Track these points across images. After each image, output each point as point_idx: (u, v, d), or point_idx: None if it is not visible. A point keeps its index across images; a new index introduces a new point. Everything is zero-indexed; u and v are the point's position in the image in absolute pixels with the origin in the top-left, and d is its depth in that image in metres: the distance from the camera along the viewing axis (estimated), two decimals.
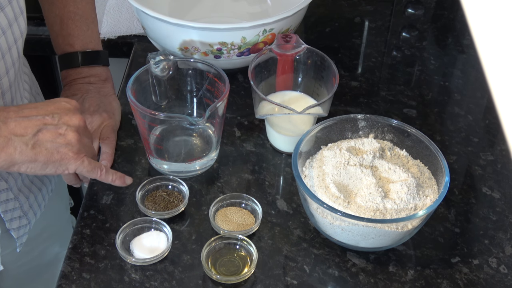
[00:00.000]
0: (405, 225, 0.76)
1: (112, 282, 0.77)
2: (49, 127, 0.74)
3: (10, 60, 0.80)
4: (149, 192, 0.87)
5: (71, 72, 0.97)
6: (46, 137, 0.74)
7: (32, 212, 0.96)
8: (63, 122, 0.75)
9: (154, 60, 0.88)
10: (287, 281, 0.78)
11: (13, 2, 0.79)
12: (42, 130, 0.74)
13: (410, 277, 0.79)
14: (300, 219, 0.85)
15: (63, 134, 0.75)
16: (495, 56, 0.36)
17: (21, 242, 0.95)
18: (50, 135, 0.74)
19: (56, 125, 0.75)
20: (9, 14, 0.78)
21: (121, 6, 1.26)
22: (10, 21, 0.79)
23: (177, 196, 0.86)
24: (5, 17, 0.78)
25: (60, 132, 0.75)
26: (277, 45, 0.94)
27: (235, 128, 0.99)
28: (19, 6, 0.81)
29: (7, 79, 0.81)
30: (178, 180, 0.87)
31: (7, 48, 0.79)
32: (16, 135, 0.72)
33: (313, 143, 0.86)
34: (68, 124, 0.76)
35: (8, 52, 0.79)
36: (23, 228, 0.95)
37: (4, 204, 0.88)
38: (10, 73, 0.81)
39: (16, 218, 0.92)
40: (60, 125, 0.75)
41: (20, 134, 0.72)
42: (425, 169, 0.83)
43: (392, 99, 1.06)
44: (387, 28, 1.25)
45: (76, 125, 0.76)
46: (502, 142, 0.99)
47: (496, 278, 0.79)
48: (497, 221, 0.86)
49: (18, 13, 0.80)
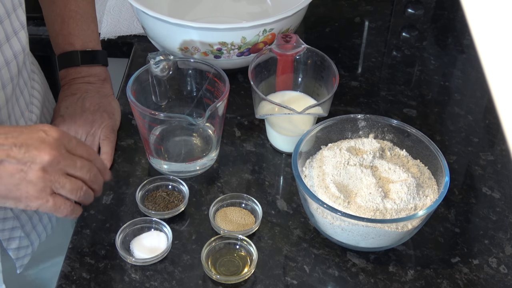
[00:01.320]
0: (405, 225, 0.76)
1: (112, 282, 0.77)
2: (12, 160, 0.66)
3: (8, 75, 0.79)
4: (149, 192, 0.87)
5: (71, 71, 0.97)
6: (7, 171, 0.67)
7: (35, 234, 0.94)
8: (29, 156, 0.67)
9: (154, 60, 0.88)
10: (287, 281, 0.78)
11: (11, 16, 0.78)
12: (3, 162, 0.66)
13: (410, 277, 0.79)
14: (300, 219, 0.85)
15: (25, 171, 0.67)
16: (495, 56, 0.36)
17: (21, 263, 0.93)
18: (11, 169, 0.67)
19: (20, 160, 0.67)
20: (7, 28, 0.77)
21: (121, 6, 1.26)
22: (8, 35, 0.78)
23: (177, 196, 0.86)
24: (3, 31, 0.76)
25: (21, 168, 0.67)
26: (277, 45, 0.94)
27: (235, 128, 0.99)
28: (19, 20, 0.80)
29: (2, 94, 0.79)
30: (178, 180, 0.87)
31: (4, 63, 0.78)
32: None
33: (313, 143, 0.86)
34: (33, 160, 0.67)
35: (6, 67, 0.78)
36: (24, 249, 0.92)
37: (1, 223, 0.86)
38: (7, 89, 0.79)
39: (15, 238, 0.90)
40: (26, 159, 0.67)
41: None
42: (425, 169, 0.83)
43: (392, 99, 1.06)
44: (387, 28, 1.25)
45: (43, 161, 0.67)
46: (502, 142, 0.99)
47: (496, 278, 0.79)
48: (497, 221, 0.86)
49: (18, 28, 0.79)
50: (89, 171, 0.72)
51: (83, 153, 0.73)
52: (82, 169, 0.71)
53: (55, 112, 0.96)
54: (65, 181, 0.70)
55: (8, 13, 0.77)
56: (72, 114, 0.93)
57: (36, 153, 0.67)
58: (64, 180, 0.70)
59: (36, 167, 0.67)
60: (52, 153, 0.68)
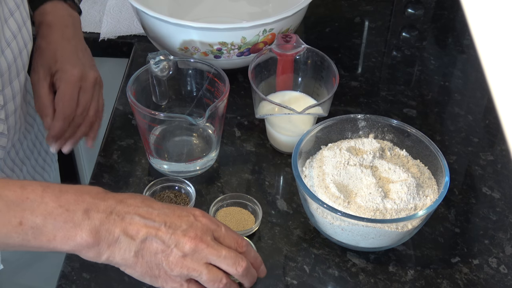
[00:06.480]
0: (405, 225, 0.76)
1: (112, 282, 0.77)
2: (158, 240, 0.66)
3: (21, 64, 0.80)
4: (156, 192, 0.87)
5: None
6: (151, 249, 0.66)
7: None
8: (174, 239, 0.66)
9: (154, 60, 0.88)
10: (287, 281, 0.78)
11: (20, 7, 0.79)
12: (151, 240, 0.66)
13: (410, 277, 0.79)
14: (300, 219, 0.85)
15: (167, 253, 0.66)
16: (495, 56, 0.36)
17: None
18: (155, 248, 0.66)
19: (166, 241, 0.66)
20: (18, 19, 0.79)
21: (121, 6, 1.26)
22: (20, 25, 0.79)
23: (184, 198, 0.86)
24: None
25: (165, 249, 0.66)
26: (277, 45, 0.94)
27: (235, 128, 0.99)
28: (25, 10, 0.80)
29: (17, 82, 0.80)
30: (185, 181, 0.87)
31: (18, 52, 0.78)
32: (127, 235, 0.65)
33: (313, 143, 0.86)
34: (177, 244, 0.66)
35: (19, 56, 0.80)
36: None
37: None
38: (21, 76, 0.80)
39: None
40: (171, 241, 0.66)
41: (130, 236, 0.65)
42: (425, 169, 0.83)
43: (392, 99, 1.06)
44: (387, 28, 1.25)
45: (185, 248, 0.66)
46: (502, 142, 0.99)
47: (496, 278, 0.79)
48: (497, 221, 0.86)
49: (25, 18, 0.80)
50: (235, 264, 0.68)
51: (231, 243, 0.70)
52: (226, 260, 0.68)
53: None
54: (204, 271, 0.67)
55: (17, 5, 0.79)
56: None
57: (181, 238, 0.66)
58: (203, 269, 0.67)
59: (178, 252, 0.66)
60: (195, 241, 0.66)
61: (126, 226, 0.65)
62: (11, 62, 0.81)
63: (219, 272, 0.68)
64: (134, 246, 0.65)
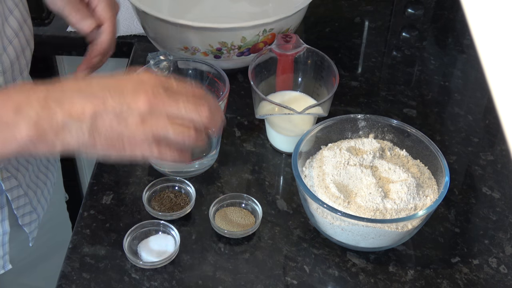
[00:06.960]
0: (405, 225, 0.76)
1: (112, 282, 0.77)
2: (109, 112, 0.61)
3: (19, 44, 0.80)
4: (156, 192, 0.87)
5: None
6: (105, 125, 0.61)
7: (40, 207, 0.96)
8: (125, 103, 0.61)
9: (154, 60, 0.88)
10: (287, 281, 0.78)
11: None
12: (101, 114, 0.61)
13: (410, 277, 0.79)
14: (300, 219, 0.85)
15: (124, 123, 0.62)
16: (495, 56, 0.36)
17: (32, 236, 0.95)
18: (109, 122, 0.61)
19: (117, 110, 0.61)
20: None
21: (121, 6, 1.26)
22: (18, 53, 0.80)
23: (184, 198, 0.86)
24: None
25: (119, 120, 0.62)
26: (277, 45, 0.94)
27: (235, 128, 0.99)
28: (25, 38, 0.81)
29: (23, 58, 0.80)
30: (185, 181, 0.87)
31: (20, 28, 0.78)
32: (72, 118, 0.61)
33: (313, 143, 0.86)
34: (129, 109, 0.61)
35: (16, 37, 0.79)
36: (34, 222, 0.95)
37: (16, 201, 0.88)
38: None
39: (27, 214, 0.92)
40: (122, 109, 0.61)
41: (77, 118, 0.61)
42: (425, 169, 0.83)
43: (392, 99, 1.06)
44: (387, 28, 1.25)
45: (140, 110, 0.62)
46: (502, 142, 0.99)
47: (496, 278, 0.79)
48: (497, 221, 0.86)
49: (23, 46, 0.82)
50: (196, 109, 0.64)
51: (187, 91, 0.65)
52: (186, 107, 0.63)
53: None
54: (167, 127, 0.63)
55: (16, 3, 0.79)
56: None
57: (132, 100, 0.61)
58: (166, 124, 0.63)
59: (133, 116, 0.61)
60: (147, 97, 0.62)
61: (68, 108, 0.60)
62: (14, 60, 0.81)
63: (184, 124, 0.64)
64: (85, 126, 0.61)
